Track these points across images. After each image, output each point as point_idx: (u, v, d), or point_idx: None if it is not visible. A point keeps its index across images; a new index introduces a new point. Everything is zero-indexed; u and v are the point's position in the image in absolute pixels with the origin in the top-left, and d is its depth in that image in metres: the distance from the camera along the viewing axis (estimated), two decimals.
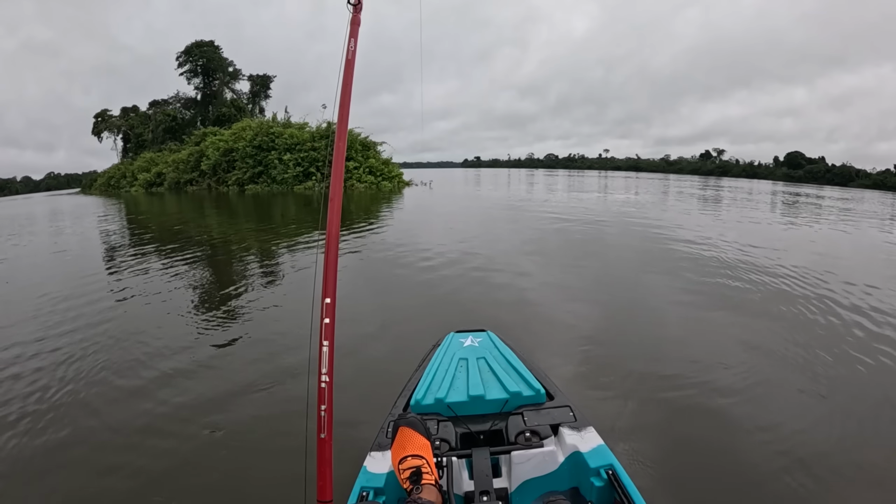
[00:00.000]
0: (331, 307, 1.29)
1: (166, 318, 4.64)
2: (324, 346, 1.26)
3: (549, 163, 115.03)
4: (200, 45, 46.42)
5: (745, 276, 5.67)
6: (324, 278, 1.32)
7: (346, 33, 1.51)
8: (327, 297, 1.30)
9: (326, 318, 1.28)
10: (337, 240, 1.36)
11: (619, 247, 8.03)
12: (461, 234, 9.48)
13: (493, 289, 5.28)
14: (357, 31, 1.52)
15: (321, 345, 1.26)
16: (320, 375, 1.25)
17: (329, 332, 1.27)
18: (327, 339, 1.26)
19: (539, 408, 1.68)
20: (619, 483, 1.34)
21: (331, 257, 1.34)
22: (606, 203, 16.47)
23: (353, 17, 1.54)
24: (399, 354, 3.36)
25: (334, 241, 1.35)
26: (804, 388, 2.96)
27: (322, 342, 1.26)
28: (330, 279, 1.32)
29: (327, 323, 1.28)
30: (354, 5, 1.54)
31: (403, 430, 1.39)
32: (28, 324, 4.54)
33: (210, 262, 7.58)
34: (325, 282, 1.32)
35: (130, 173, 40.61)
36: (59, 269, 7.63)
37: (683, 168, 79.00)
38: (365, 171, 27.78)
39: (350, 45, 1.51)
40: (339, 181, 1.39)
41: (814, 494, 2.01)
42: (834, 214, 14.41)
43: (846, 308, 4.47)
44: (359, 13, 1.55)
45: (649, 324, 4.19)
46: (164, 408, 2.87)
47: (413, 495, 1.22)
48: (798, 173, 57.63)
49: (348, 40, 1.50)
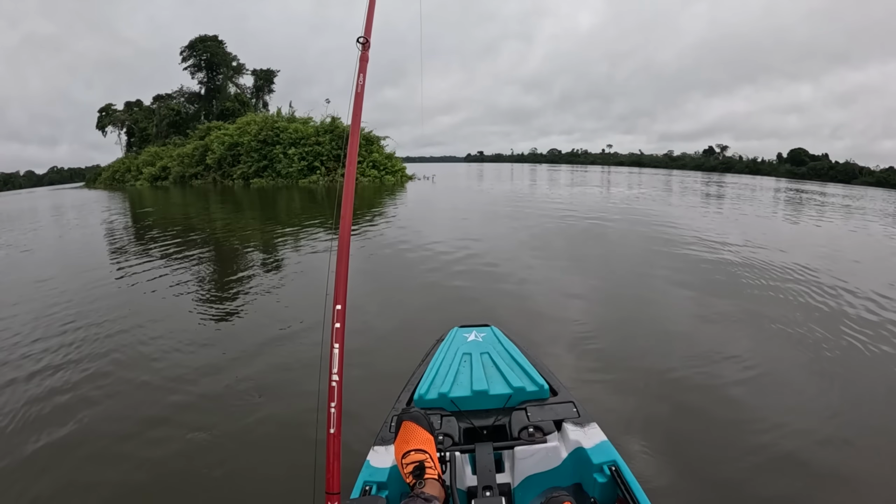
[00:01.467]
0: (341, 313, 1.39)
1: (176, 310, 4.84)
2: (335, 349, 1.35)
3: (552, 158, 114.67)
4: (204, 39, 46.48)
5: (752, 272, 5.66)
6: (336, 285, 1.41)
7: (356, 69, 1.64)
8: (338, 304, 1.39)
9: (337, 323, 1.37)
10: (348, 249, 1.46)
11: (624, 242, 8.01)
12: (463, 227, 9.55)
13: (497, 283, 5.29)
14: (366, 68, 1.65)
15: (332, 347, 1.35)
16: (331, 375, 1.33)
17: (339, 335, 1.37)
18: (338, 342, 1.36)
19: (542, 403, 1.69)
20: (622, 479, 1.34)
21: (342, 266, 1.44)
22: (610, 198, 16.47)
23: (362, 54, 1.66)
24: (402, 349, 3.39)
25: (345, 251, 1.45)
26: (813, 383, 2.96)
27: (333, 344, 1.35)
28: (341, 286, 1.41)
29: (338, 327, 1.37)
30: (363, 44, 1.67)
31: (407, 424, 1.40)
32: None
33: (219, 254, 7.76)
34: (337, 289, 1.41)
35: (135, 167, 40.78)
36: (79, 258, 7.83)
37: (687, 164, 78.76)
38: (369, 166, 28.02)
39: (359, 79, 1.63)
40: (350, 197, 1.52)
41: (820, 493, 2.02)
42: (839, 211, 14.40)
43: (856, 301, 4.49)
44: (367, 51, 1.67)
45: (654, 319, 4.20)
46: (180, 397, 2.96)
47: (416, 490, 1.23)
48: (801, 170, 57.40)
49: (357, 75, 1.63)
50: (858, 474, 2.13)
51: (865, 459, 2.23)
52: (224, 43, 47.27)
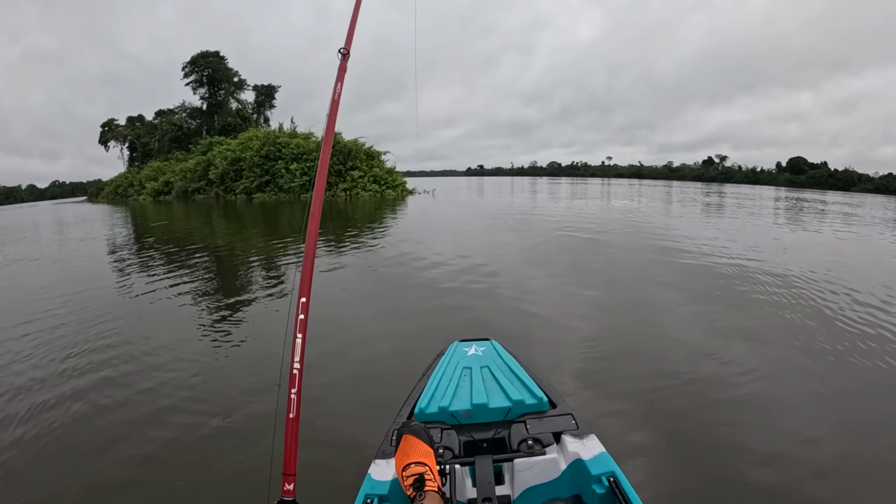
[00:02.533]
0: (305, 305, 1.46)
1: (181, 316, 4.87)
2: (297, 338, 1.41)
3: (551, 171, 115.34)
4: (206, 55, 47.11)
5: (755, 284, 5.63)
6: (301, 279, 1.49)
7: (335, 78, 1.74)
8: (303, 297, 1.46)
9: (301, 314, 1.44)
10: (313, 249, 1.55)
11: (622, 253, 8.05)
12: (462, 241, 9.57)
13: (497, 297, 5.28)
14: (343, 77, 1.74)
15: (295, 336, 1.41)
16: (293, 363, 1.39)
17: (303, 326, 1.43)
18: (301, 332, 1.42)
19: (542, 416, 1.70)
20: (620, 490, 1.35)
21: (308, 262, 1.52)
22: (609, 210, 16.56)
23: (341, 64, 1.76)
24: (403, 363, 3.41)
25: (311, 248, 1.55)
26: (818, 397, 2.92)
27: (296, 334, 1.41)
28: (306, 281, 1.49)
29: (302, 318, 1.44)
30: (343, 55, 1.77)
31: (407, 437, 1.42)
32: None
33: (220, 264, 7.79)
34: (302, 282, 1.48)
35: (138, 182, 41.09)
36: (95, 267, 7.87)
37: (686, 175, 79.10)
38: (370, 181, 28.28)
39: (337, 87, 1.73)
40: (319, 197, 1.61)
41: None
42: (839, 219, 14.43)
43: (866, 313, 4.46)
44: (346, 62, 1.78)
45: (653, 332, 4.17)
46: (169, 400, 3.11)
47: (416, 502, 1.24)
48: (801, 178, 57.63)
49: (335, 84, 1.74)
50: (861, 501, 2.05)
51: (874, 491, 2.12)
52: (225, 59, 47.96)
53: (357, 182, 27.74)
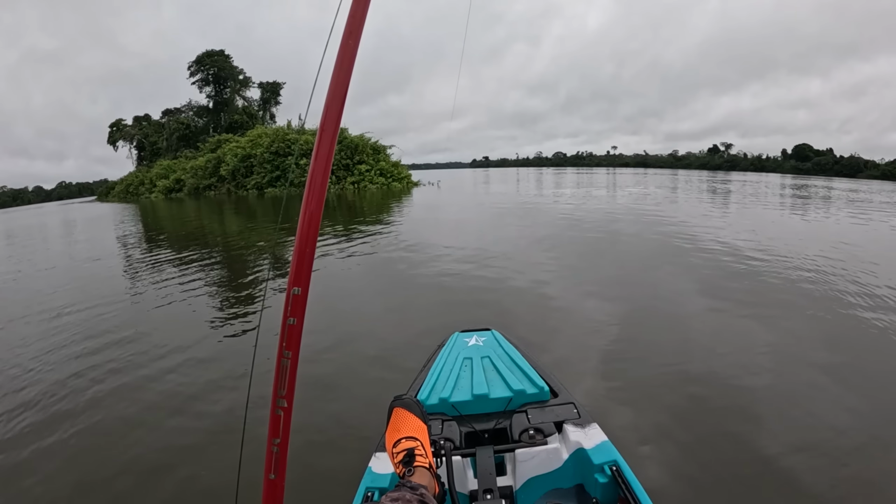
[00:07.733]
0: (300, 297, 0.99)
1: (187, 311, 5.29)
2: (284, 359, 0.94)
3: (557, 161, 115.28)
4: (211, 54, 47.59)
5: (761, 271, 5.46)
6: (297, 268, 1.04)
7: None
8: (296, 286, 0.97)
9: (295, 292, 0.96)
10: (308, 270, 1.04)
11: (629, 241, 7.90)
12: (466, 231, 9.65)
13: (499, 286, 5.22)
14: None
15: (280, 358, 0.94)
16: (275, 399, 0.95)
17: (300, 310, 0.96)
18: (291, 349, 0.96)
19: (543, 405, 1.69)
20: (623, 479, 1.34)
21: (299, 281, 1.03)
22: (615, 198, 16.63)
23: None
24: (404, 354, 3.41)
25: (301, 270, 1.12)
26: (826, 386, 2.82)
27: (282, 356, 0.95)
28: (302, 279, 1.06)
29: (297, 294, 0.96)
30: None
31: (398, 411, 1.32)
32: None
33: (228, 257, 8.24)
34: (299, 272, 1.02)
35: (149, 180, 41.82)
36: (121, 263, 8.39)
37: (692, 163, 79.01)
38: (376, 174, 29.25)
39: None
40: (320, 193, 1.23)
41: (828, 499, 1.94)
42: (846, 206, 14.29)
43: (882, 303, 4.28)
44: None
45: (658, 320, 4.09)
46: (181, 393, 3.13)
47: (405, 478, 1.12)
48: (806, 166, 57.53)
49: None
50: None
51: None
52: (231, 57, 48.44)
53: (364, 175, 28.73)
